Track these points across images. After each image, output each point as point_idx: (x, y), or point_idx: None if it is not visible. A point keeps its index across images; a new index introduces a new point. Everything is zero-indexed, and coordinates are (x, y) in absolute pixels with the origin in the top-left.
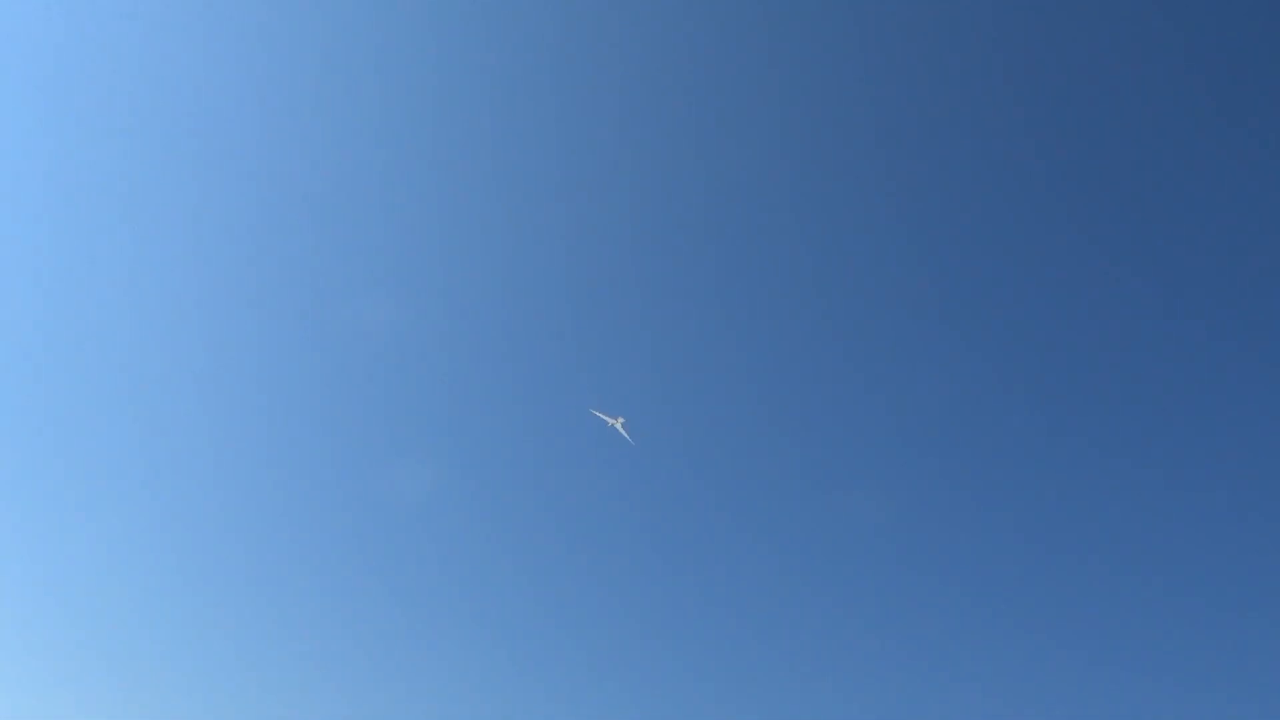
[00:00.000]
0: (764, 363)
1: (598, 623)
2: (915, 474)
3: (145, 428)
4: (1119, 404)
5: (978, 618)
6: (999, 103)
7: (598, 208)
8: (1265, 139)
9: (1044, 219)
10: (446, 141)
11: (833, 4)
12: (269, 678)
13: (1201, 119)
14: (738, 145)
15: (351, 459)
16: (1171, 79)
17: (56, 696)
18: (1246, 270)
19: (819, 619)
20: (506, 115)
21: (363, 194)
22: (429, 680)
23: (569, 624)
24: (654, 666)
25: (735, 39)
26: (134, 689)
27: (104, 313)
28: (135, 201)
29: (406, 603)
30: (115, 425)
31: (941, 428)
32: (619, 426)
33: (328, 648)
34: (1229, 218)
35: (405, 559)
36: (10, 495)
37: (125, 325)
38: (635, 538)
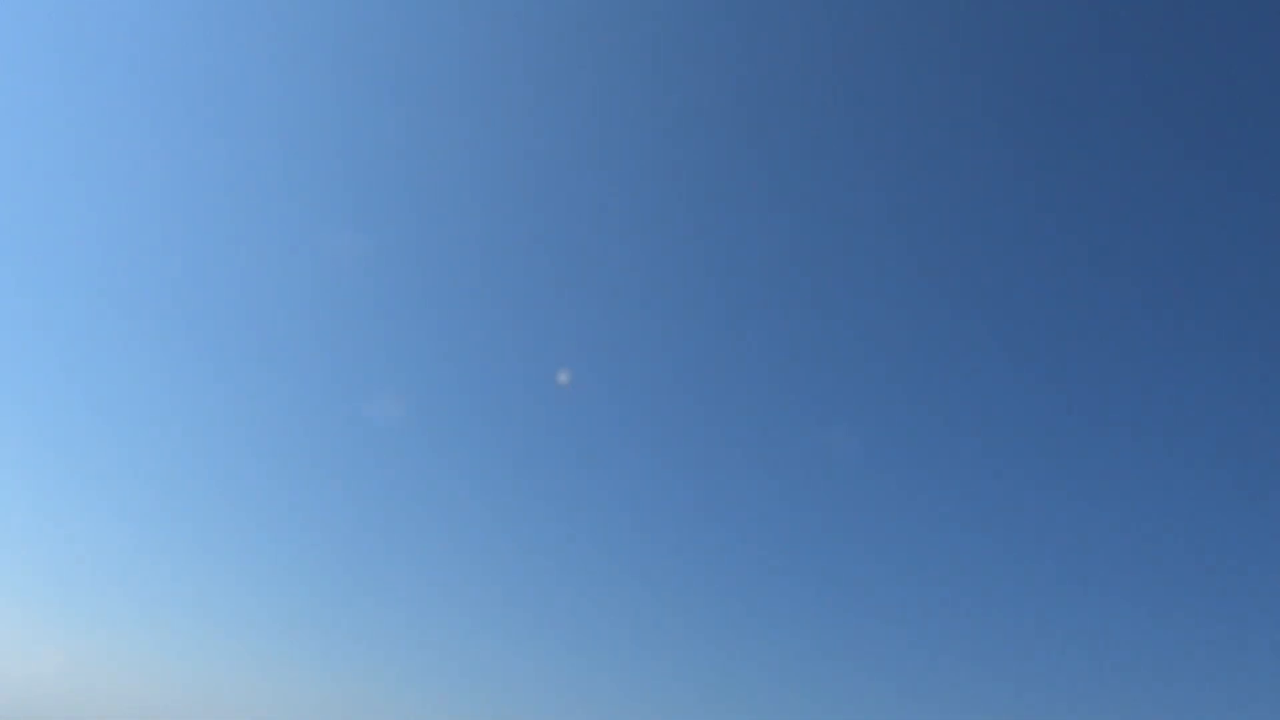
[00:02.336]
0: (734, 296)
1: (569, 566)
2: (895, 406)
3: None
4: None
5: (965, 559)
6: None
7: (554, 150)
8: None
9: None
10: (417, 84)
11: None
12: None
13: (1201, 120)
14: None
15: (322, 390)
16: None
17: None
18: (1243, 266)
19: (796, 558)
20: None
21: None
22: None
23: (536, 560)
24: (617, 607)
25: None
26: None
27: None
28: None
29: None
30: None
31: (920, 359)
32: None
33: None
34: (1227, 217)
35: (373, 486)
36: None
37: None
38: (606, 475)
